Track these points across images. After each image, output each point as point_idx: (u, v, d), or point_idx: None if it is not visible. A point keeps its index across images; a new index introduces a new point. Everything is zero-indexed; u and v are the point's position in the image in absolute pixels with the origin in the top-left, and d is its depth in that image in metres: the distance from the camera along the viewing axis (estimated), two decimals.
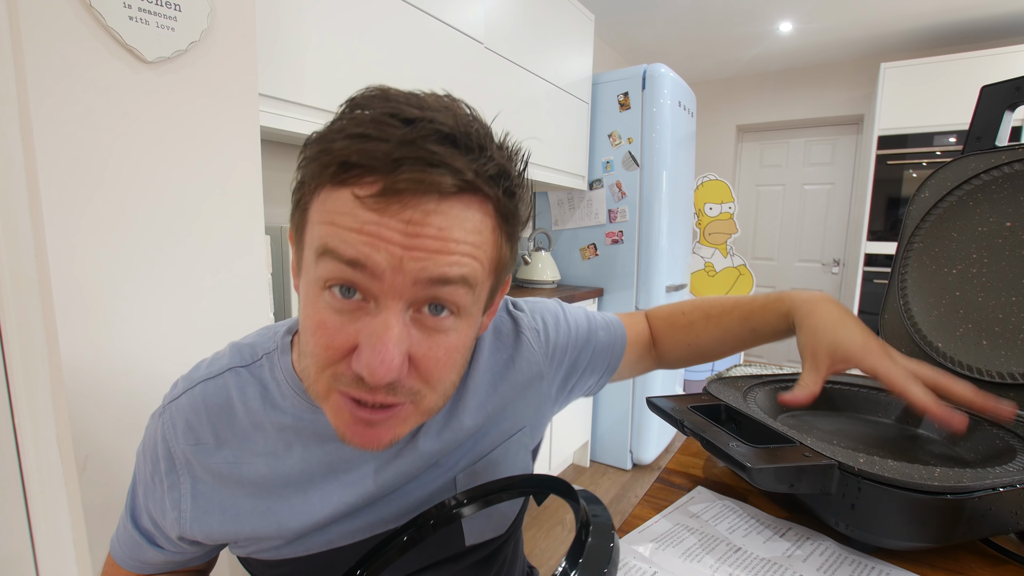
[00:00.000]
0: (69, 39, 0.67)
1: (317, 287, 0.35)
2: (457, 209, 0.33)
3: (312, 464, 0.45)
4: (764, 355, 4.09)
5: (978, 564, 0.43)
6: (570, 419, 2.25)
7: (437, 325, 0.36)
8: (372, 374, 0.33)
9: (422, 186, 0.31)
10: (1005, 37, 2.88)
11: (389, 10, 1.34)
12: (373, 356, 0.33)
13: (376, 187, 0.31)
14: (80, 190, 0.70)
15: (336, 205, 0.33)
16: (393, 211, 0.32)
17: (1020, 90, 0.64)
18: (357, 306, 0.34)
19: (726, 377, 0.67)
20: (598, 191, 2.41)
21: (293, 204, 0.38)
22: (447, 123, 0.32)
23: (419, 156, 0.31)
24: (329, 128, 0.34)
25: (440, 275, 0.33)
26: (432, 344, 0.36)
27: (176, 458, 0.45)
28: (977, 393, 0.46)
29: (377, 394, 0.35)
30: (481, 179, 0.34)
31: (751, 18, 2.84)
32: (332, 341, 0.34)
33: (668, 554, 0.44)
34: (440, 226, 0.33)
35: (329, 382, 0.36)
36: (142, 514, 0.49)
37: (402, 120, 0.32)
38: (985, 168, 0.64)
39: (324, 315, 0.35)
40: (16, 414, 0.75)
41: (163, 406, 0.47)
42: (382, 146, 0.31)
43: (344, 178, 0.32)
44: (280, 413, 0.45)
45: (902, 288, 0.71)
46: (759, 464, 0.40)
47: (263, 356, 0.47)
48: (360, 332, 0.34)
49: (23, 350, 0.72)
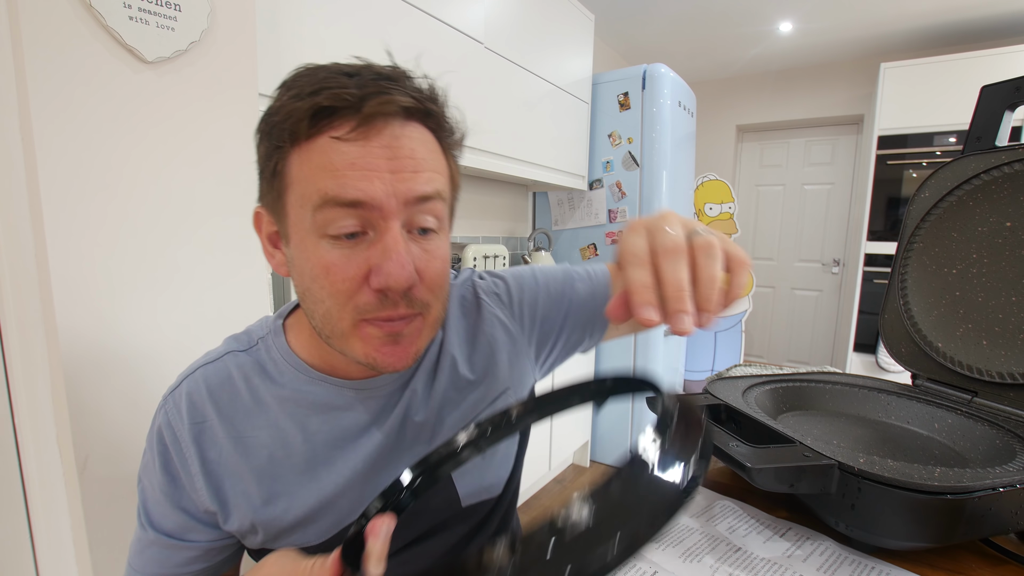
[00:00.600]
0: (69, 39, 0.67)
1: (314, 235, 0.38)
2: (416, 132, 0.39)
3: (316, 438, 0.47)
4: (764, 355, 4.09)
5: (978, 564, 0.43)
6: (570, 419, 2.25)
7: (427, 241, 0.41)
8: (395, 280, 0.37)
9: (389, 106, 0.37)
10: (1005, 37, 2.88)
11: (389, 10, 1.34)
12: (392, 264, 0.37)
13: (352, 122, 0.36)
14: (80, 190, 0.70)
15: (319, 154, 0.37)
16: (372, 138, 0.37)
17: (1020, 90, 0.64)
18: (357, 242, 0.38)
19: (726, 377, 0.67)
20: (598, 191, 2.41)
21: (267, 176, 0.41)
22: (382, 68, 0.39)
23: (377, 89, 0.37)
24: (279, 101, 0.39)
25: (422, 192, 0.39)
26: (429, 256, 0.41)
27: (182, 441, 0.45)
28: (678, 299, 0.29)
29: (399, 306, 0.39)
30: (426, 99, 0.40)
31: (751, 18, 2.84)
32: (346, 273, 0.38)
33: (668, 554, 0.44)
34: (411, 147, 0.38)
35: (353, 315, 0.39)
36: (164, 519, 0.48)
37: (347, 74, 0.38)
38: (985, 168, 0.64)
39: (328, 256, 0.38)
40: (16, 414, 0.75)
41: (163, 399, 0.48)
42: (344, 90, 0.36)
43: (318, 127, 0.37)
44: (279, 387, 0.47)
45: (902, 288, 0.71)
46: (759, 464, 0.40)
47: (259, 340, 0.49)
48: (369, 257, 0.38)
49: (23, 350, 0.72)
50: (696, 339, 3.22)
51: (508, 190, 2.48)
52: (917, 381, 0.68)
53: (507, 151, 1.85)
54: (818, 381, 0.66)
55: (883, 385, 0.66)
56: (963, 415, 0.56)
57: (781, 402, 0.64)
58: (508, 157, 1.86)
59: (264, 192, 0.42)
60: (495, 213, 2.42)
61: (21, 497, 0.78)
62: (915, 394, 0.62)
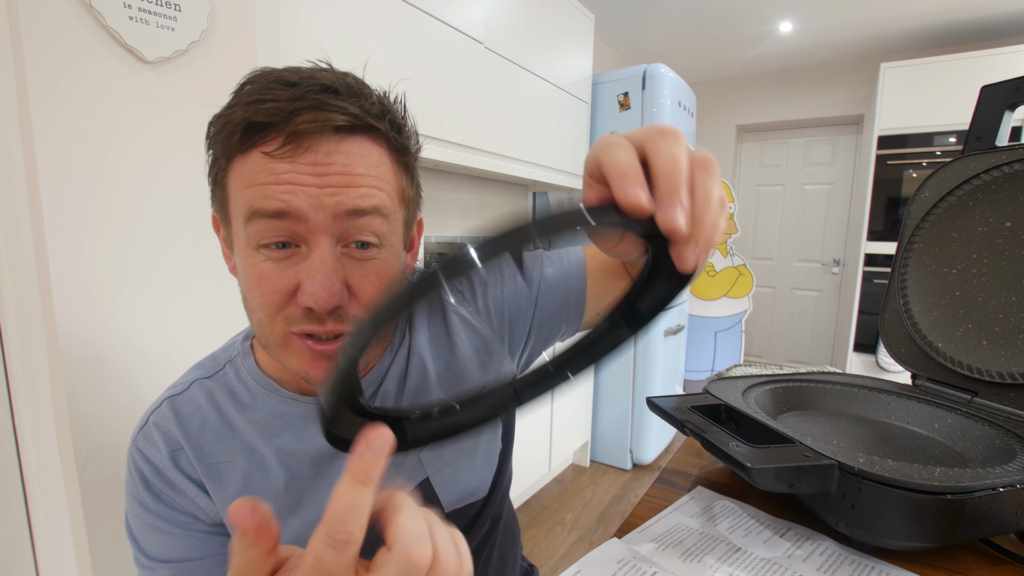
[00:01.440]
0: (69, 39, 0.67)
1: (250, 248, 0.38)
2: (355, 147, 0.38)
3: (292, 459, 0.46)
4: (764, 355, 4.09)
5: (978, 564, 0.43)
6: (570, 419, 2.25)
7: (365, 256, 0.40)
8: (317, 301, 0.36)
9: (318, 124, 0.36)
10: (1005, 37, 2.88)
11: (389, 10, 1.34)
12: (315, 285, 0.36)
13: (280, 139, 0.36)
14: (80, 190, 0.69)
15: (250, 169, 0.37)
16: (300, 156, 0.36)
17: (1020, 90, 0.64)
18: (290, 254, 0.38)
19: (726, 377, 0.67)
20: None
21: (211, 185, 0.41)
22: (326, 78, 0.38)
23: (310, 104, 0.36)
24: (225, 107, 0.38)
25: (354, 207, 0.37)
26: (364, 272, 0.40)
27: (164, 470, 0.45)
28: None
29: (327, 323, 0.38)
30: (369, 116, 0.38)
31: (751, 18, 2.84)
32: (275, 286, 0.38)
33: (668, 554, 0.44)
34: (344, 163, 0.37)
35: (283, 327, 0.39)
36: (175, 546, 0.46)
37: (286, 84, 0.37)
38: (985, 168, 0.64)
39: (262, 267, 0.38)
40: (16, 414, 0.75)
41: (134, 437, 0.46)
42: (276, 103, 0.35)
43: (250, 141, 0.36)
44: (250, 409, 0.46)
45: (902, 288, 0.71)
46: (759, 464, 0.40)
47: (225, 364, 0.48)
48: (299, 272, 0.38)
49: (23, 350, 0.72)
50: (696, 339, 3.22)
51: (508, 190, 2.48)
52: (917, 381, 0.68)
53: (507, 151, 1.85)
54: (818, 381, 0.66)
55: (883, 385, 0.66)
56: (963, 415, 0.56)
57: (781, 402, 0.64)
58: (508, 157, 1.86)
59: (212, 199, 0.42)
60: (495, 213, 2.42)
61: (21, 497, 0.78)
62: (915, 394, 0.62)
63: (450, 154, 1.59)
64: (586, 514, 2.06)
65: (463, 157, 1.64)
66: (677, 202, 0.24)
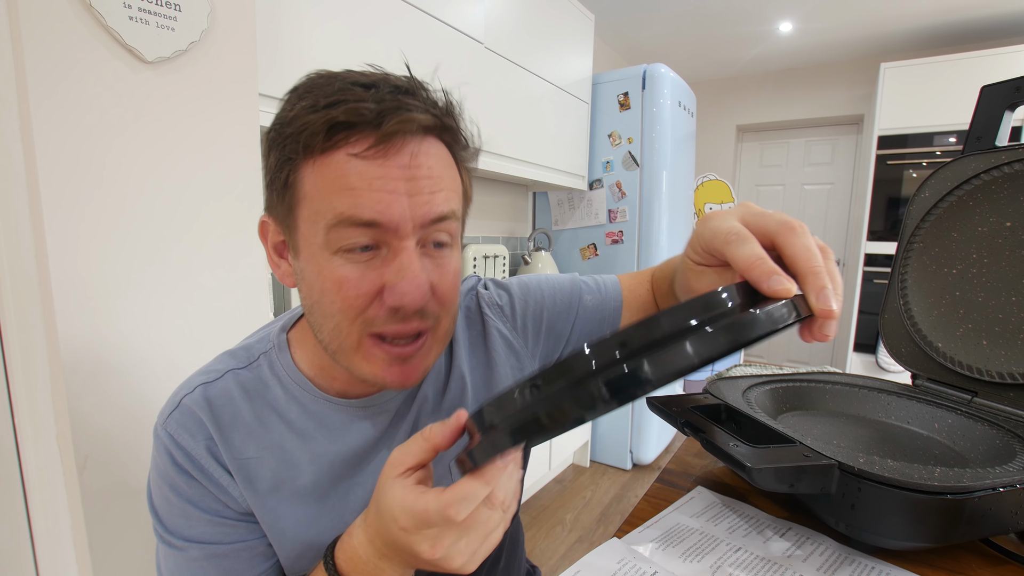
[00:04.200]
0: (69, 39, 0.67)
1: (327, 253, 0.38)
2: (434, 149, 0.39)
3: (323, 459, 0.45)
4: (764, 355, 4.09)
5: (978, 564, 0.43)
6: None
7: (441, 255, 0.41)
8: (410, 300, 0.37)
9: (409, 125, 0.36)
10: (1005, 37, 2.88)
11: (389, 10, 1.34)
12: (407, 284, 0.37)
13: (370, 139, 0.35)
14: (80, 191, 0.69)
15: (335, 172, 0.36)
16: (391, 157, 0.36)
17: (1020, 90, 0.64)
18: (372, 256, 0.38)
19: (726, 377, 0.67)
20: (598, 191, 2.41)
21: (277, 187, 0.39)
22: (399, 80, 0.38)
23: (396, 105, 0.36)
24: (292, 110, 0.37)
25: (439, 214, 0.38)
26: (442, 271, 0.41)
27: (197, 458, 0.43)
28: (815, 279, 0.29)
29: (411, 321, 0.39)
30: (443, 115, 0.39)
31: (751, 18, 2.84)
32: (359, 290, 0.38)
33: (669, 554, 0.44)
34: (429, 166, 0.38)
35: (361, 329, 0.39)
36: (209, 528, 0.44)
37: (363, 85, 0.37)
38: (985, 168, 0.64)
39: (342, 271, 0.38)
40: (16, 414, 0.75)
41: (164, 419, 0.44)
42: (362, 104, 0.35)
43: (334, 141, 0.36)
44: (283, 407, 0.45)
45: (902, 288, 0.71)
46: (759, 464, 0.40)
47: (260, 356, 0.47)
48: (383, 274, 0.38)
49: (23, 350, 0.72)
50: None
51: (508, 190, 2.48)
52: (917, 381, 0.68)
53: (507, 151, 1.85)
54: (818, 381, 0.66)
55: (883, 385, 0.66)
56: (963, 415, 0.56)
57: (781, 402, 0.64)
58: (508, 157, 1.86)
59: (273, 203, 0.41)
60: (495, 213, 2.42)
61: (21, 497, 0.78)
62: (915, 394, 0.62)
63: None
64: (586, 514, 2.06)
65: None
66: (828, 291, 0.27)
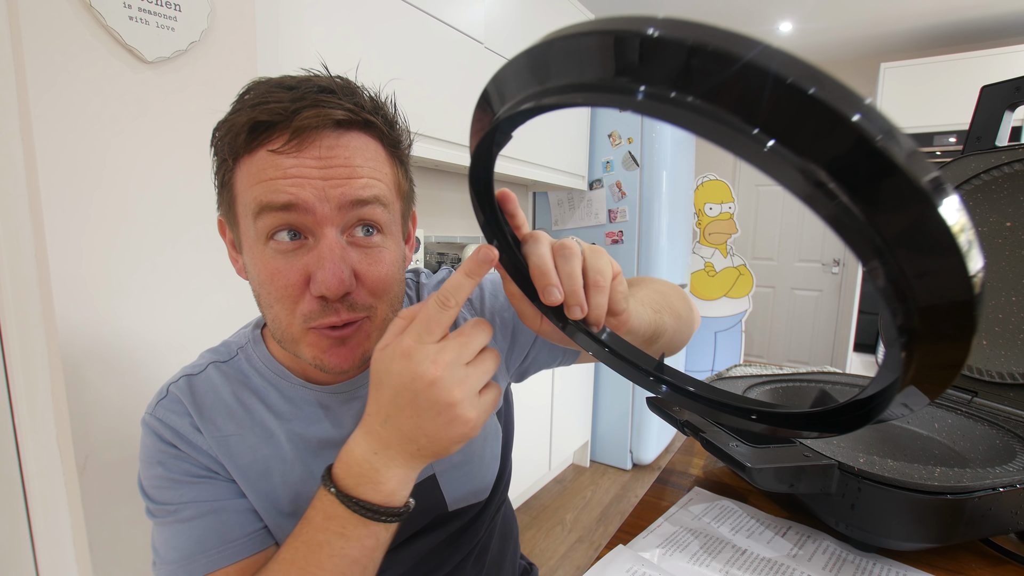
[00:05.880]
0: (69, 39, 0.67)
1: (260, 243, 0.40)
2: (355, 142, 0.41)
3: (301, 442, 0.48)
4: (764, 355, 4.09)
5: (978, 564, 0.43)
6: (570, 419, 2.25)
7: (369, 243, 0.42)
8: (329, 288, 0.39)
9: (320, 119, 0.38)
10: (1005, 37, 2.88)
11: (389, 10, 1.34)
12: (326, 273, 0.39)
13: (285, 136, 0.38)
14: (80, 190, 0.69)
15: (256, 167, 0.39)
16: (305, 150, 0.39)
17: (1020, 90, 0.64)
18: (298, 246, 0.40)
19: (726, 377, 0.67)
20: (598, 191, 2.41)
21: (218, 188, 0.44)
22: (322, 80, 0.41)
23: (310, 103, 0.39)
24: (227, 115, 0.41)
25: (356, 197, 0.40)
26: (370, 259, 0.42)
27: (185, 433, 0.46)
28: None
29: (341, 312, 0.41)
30: (364, 111, 0.41)
31: (751, 18, 2.84)
32: (288, 279, 0.40)
33: (676, 559, 0.44)
34: (345, 156, 0.40)
35: (301, 323, 0.41)
36: (191, 491, 0.46)
37: (286, 87, 0.40)
38: (985, 168, 0.64)
39: (272, 263, 0.40)
40: (16, 414, 0.75)
41: (153, 407, 0.48)
42: (279, 104, 0.38)
43: (256, 140, 0.39)
44: (263, 394, 0.48)
45: None
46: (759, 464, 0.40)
47: (238, 351, 0.51)
48: (308, 264, 0.40)
49: (23, 350, 0.72)
50: (696, 339, 3.22)
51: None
52: None
53: (507, 151, 1.85)
54: (818, 381, 0.66)
55: None
56: (963, 415, 0.56)
57: (781, 402, 0.64)
58: (508, 157, 1.86)
59: (219, 202, 0.44)
60: None
61: (21, 497, 0.78)
62: None
63: (450, 154, 1.59)
64: (586, 514, 2.06)
65: (463, 157, 1.64)
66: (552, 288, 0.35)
